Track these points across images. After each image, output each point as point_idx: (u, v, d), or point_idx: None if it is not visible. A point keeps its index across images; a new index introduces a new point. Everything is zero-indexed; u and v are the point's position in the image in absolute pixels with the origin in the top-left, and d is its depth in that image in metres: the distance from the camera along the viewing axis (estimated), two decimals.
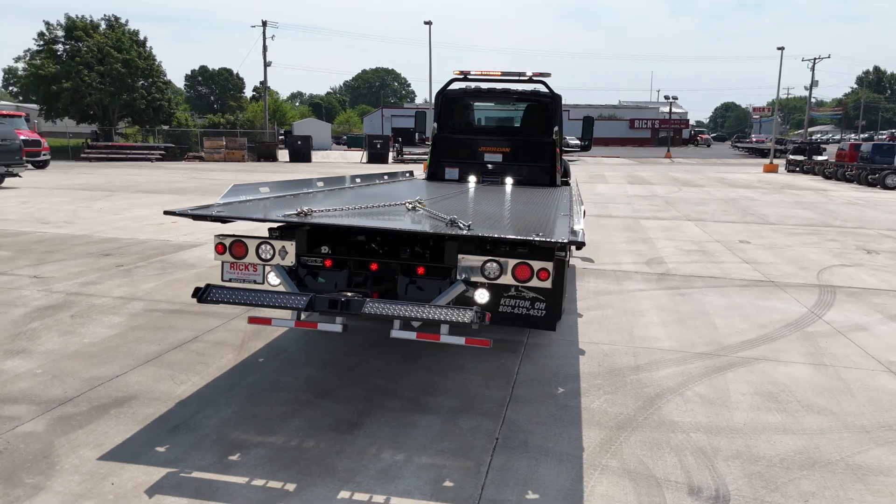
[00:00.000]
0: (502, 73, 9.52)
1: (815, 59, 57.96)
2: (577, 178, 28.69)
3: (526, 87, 9.70)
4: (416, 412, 4.41)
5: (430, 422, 4.27)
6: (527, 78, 9.40)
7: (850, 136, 73.58)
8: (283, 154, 43.12)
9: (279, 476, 3.55)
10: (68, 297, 7.00)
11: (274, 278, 4.49)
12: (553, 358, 5.55)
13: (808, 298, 7.78)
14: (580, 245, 3.87)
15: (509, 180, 9.18)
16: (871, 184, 26.67)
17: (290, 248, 4.36)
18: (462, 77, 9.69)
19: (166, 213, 4.44)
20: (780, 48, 42.43)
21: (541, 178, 9.26)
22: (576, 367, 5.35)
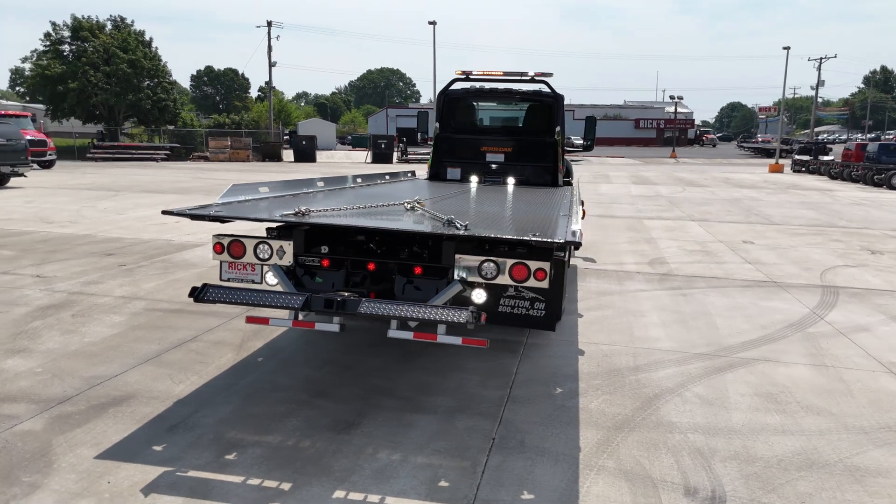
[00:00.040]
0: (504, 73, 9.52)
1: (821, 58, 57.93)
2: (580, 178, 28.50)
3: (528, 87, 9.70)
4: (414, 412, 4.41)
5: (427, 422, 4.27)
6: (529, 78, 9.40)
7: (856, 135, 73.22)
8: (288, 154, 43.22)
9: (275, 475, 3.55)
10: (70, 297, 7.03)
11: (272, 278, 4.50)
12: (552, 358, 5.54)
13: (811, 299, 7.74)
14: (577, 245, 3.86)
15: (511, 180, 9.18)
16: (877, 184, 26.53)
17: (288, 247, 4.37)
18: (464, 77, 9.69)
19: (164, 212, 4.46)
20: (786, 48, 42.36)
21: (543, 178, 9.25)
22: (575, 367, 5.34)
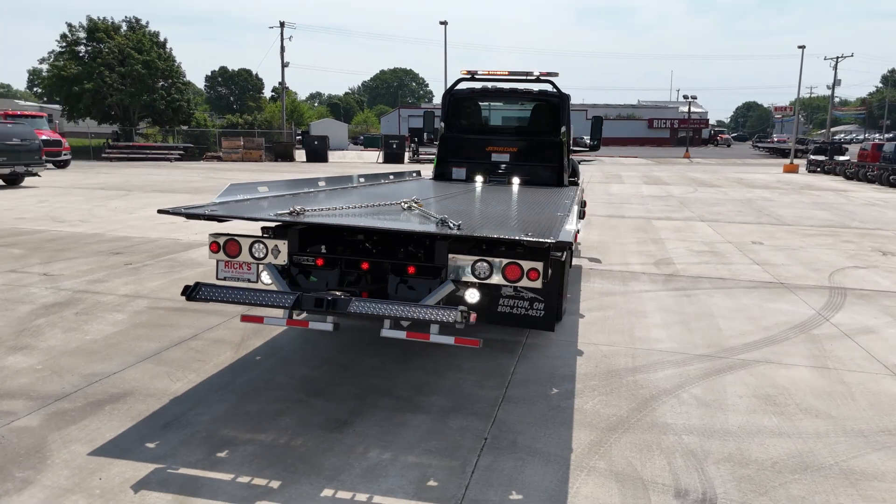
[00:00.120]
0: (510, 72, 9.50)
1: (837, 57, 57.24)
2: (591, 178, 28.14)
3: (534, 86, 9.68)
4: (408, 411, 4.41)
5: (421, 421, 4.26)
6: (534, 77, 9.37)
7: (874, 135, 72.32)
8: (300, 154, 43.41)
9: (265, 473, 3.57)
10: (75, 295, 7.10)
11: (267, 277, 4.52)
12: (550, 359, 5.51)
13: (817, 300, 7.66)
14: (567, 245, 3.84)
15: (516, 180, 9.15)
16: (893, 184, 26.20)
17: (283, 246, 4.39)
18: (469, 77, 9.68)
19: (160, 211, 4.49)
20: (801, 47, 41.82)
21: (548, 178, 9.21)
22: (572, 367, 5.31)
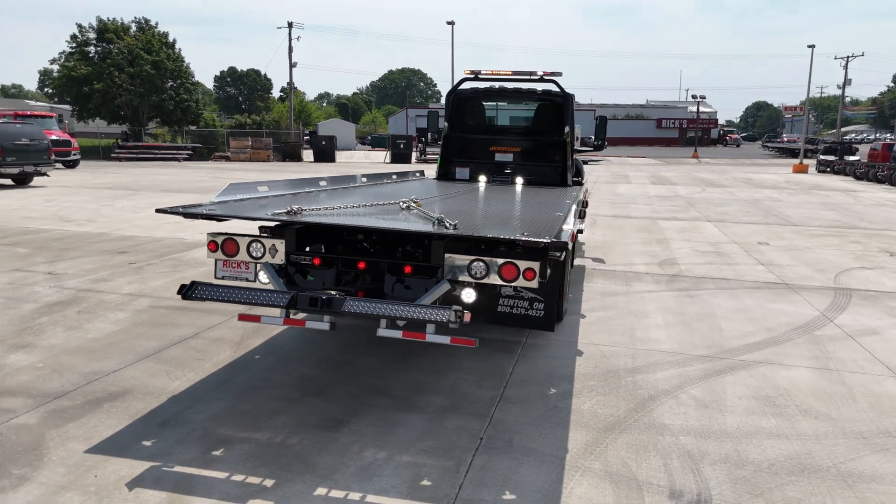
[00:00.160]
0: (513, 72, 9.49)
1: (847, 57, 56.84)
2: (598, 178, 28.00)
3: (537, 86, 9.66)
4: (405, 411, 4.41)
5: (417, 421, 4.26)
6: (538, 77, 9.36)
7: (885, 135, 71.74)
8: (308, 154, 43.50)
9: (259, 472, 3.57)
10: (78, 294, 7.14)
11: (264, 276, 4.53)
12: (549, 359, 5.50)
13: (822, 301, 7.60)
14: (561, 245, 3.83)
15: (520, 180, 9.14)
16: None
17: (280, 246, 4.41)
18: (473, 77, 9.68)
19: (158, 210, 4.51)
20: (811, 46, 41.59)
21: (552, 178, 9.20)
22: (571, 368, 5.29)
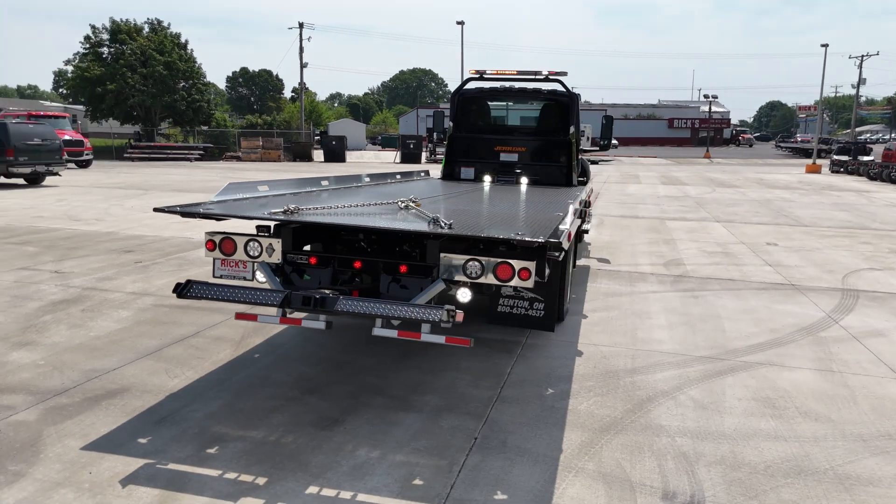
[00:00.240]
0: (518, 72, 9.46)
1: (862, 56, 56.27)
2: (608, 178, 27.90)
3: (543, 86, 9.63)
4: (401, 410, 4.41)
5: (412, 420, 4.26)
6: (543, 77, 9.33)
7: None
8: (318, 154, 43.68)
9: (252, 470, 3.59)
10: (83, 292, 7.21)
11: (261, 275, 4.55)
12: (548, 359, 5.48)
13: (828, 303, 7.53)
14: (556, 245, 3.81)
15: (524, 180, 9.12)
16: None
17: (277, 245, 4.42)
18: (478, 76, 9.67)
19: (156, 209, 4.54)
20: (824, 45, 41.17)
21: (556, 178, 9.17)
22: (570, 368, 5.27)
